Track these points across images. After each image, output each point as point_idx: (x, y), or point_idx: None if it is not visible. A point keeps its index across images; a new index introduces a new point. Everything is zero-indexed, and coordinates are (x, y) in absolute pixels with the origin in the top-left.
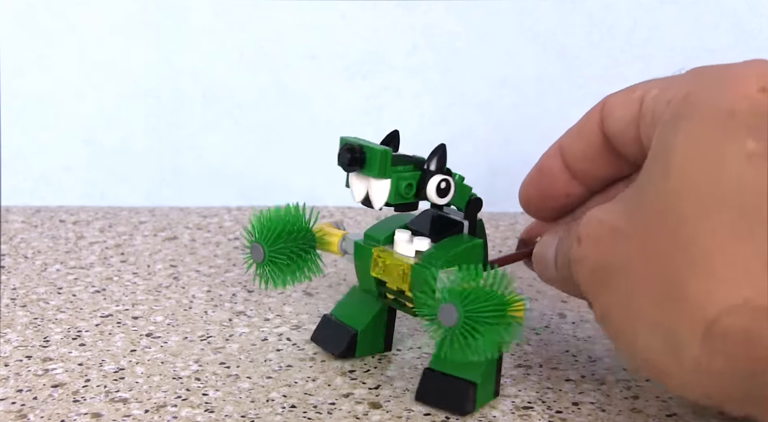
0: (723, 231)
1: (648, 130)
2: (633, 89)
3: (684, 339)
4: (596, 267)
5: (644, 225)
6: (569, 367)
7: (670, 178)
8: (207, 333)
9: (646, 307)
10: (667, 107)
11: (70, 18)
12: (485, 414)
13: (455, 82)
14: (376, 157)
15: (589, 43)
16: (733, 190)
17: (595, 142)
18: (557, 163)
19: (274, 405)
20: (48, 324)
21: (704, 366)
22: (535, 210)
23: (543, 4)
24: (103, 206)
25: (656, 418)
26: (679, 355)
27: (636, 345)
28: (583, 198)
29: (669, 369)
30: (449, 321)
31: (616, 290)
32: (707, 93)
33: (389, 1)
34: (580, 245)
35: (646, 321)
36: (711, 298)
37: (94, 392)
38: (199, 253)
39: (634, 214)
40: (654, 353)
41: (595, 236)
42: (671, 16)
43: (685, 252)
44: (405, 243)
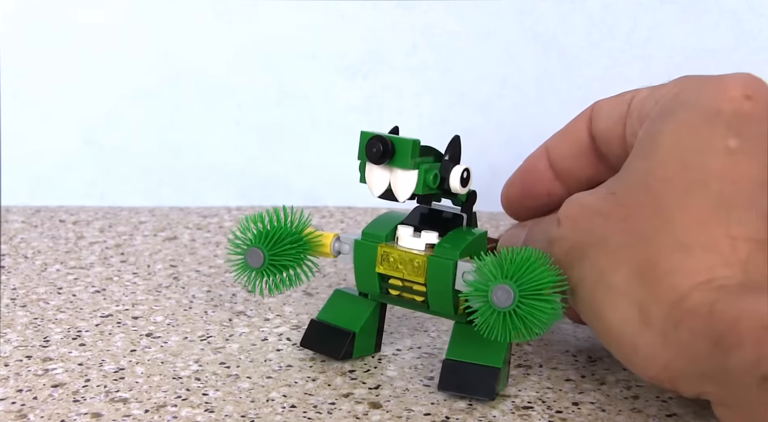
0: (700, 213)
1: (634, 126)
2: (622, 94)
3: (654, 310)
4: (573, 245)
5: (626, 204)
6: (569, 367)
7: (655, 159)
8: (207, 333)
9: (621, 281)
10: (656, 105)
11: (70, 18)
12: (485, 414)
13: (455, 82)
14: (408, 148)
15: (589, 43)
16: (712, 179)
17: (581, 142)
18: (542, 163)
19: (274, 405)
20: (48, 324)
21: (670, 337)
22: (515, 209)
23: (543, 4)
24: (103, 206)
25: (656, 418)
26: (648, 325)
27: (605, 317)
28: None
29: (635, 340)
30: (505, 301)
31: (592, 265)
32: (696, 94)
33: (389, 1)
34: (560, 226)
35: (620, 293)
36: (683, 274)
37: (94, 392)
38: (199, 253)
39: (616, 195)
40: (622, 324)
41: (574, 217)
42: (671, 16)
43: (664, 229)
44: (411, 238)
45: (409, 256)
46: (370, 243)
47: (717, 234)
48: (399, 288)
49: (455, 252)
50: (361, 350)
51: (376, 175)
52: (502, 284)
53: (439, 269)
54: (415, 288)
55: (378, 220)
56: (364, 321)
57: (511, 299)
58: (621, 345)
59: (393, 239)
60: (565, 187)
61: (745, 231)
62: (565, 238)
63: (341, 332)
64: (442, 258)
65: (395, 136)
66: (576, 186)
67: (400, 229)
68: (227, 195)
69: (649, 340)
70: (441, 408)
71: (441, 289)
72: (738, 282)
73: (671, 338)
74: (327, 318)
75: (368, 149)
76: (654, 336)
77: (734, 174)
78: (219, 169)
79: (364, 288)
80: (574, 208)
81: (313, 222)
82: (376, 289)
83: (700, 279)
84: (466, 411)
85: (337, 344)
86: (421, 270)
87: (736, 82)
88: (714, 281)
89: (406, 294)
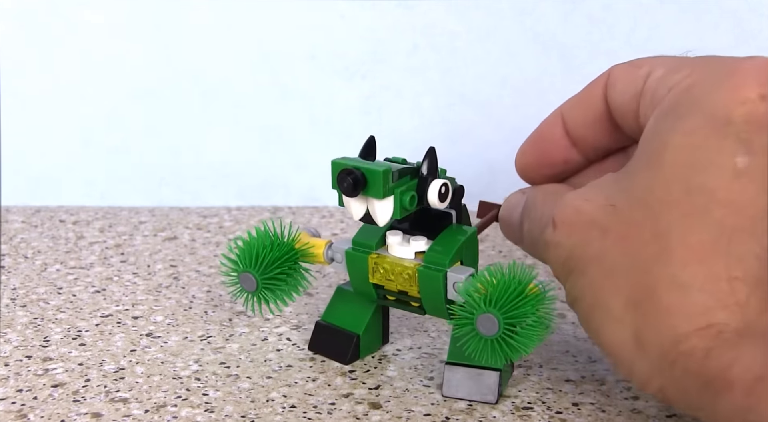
0: (700, 246)
1: (646, 109)
2: (639, 64)
3: (650, 341)
4: (570, 256)
5: (625, 221)
6: (569, 368)
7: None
8: (207, 333)
9: (618, 307)
10: (668, 93)
11: (70, 18)
12: (485, 414)
13: (455, 82)
14: (378, 178)
15: (589, 43)
16: (715, 205)
17: (597, 109)
18: (558, 130)
19: (274, 405)
20: (48, 324)
21: (665, 371)
22: (532, 176)
23: (543, 4)
24: (103, 206)
25: (656, 419)
26: (643, 352)
27: (601, 335)
28: (580, 166)
29: (631, 361)
30: (490, 330)
31: (588, 280)
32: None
33: (389, 1)
34: (555, 230)
35: (616, 319)
36: (681, 316)
37: (94, 392)
38: (199, 253)
39: (615, 208)
40: (619, 346)
41: (570, 223)
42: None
43: (662, 260)
44: (400, 246)
45: (400, 267)
46: (361, 254)
47: (716, 273)
48: (395, 295)
49: (444, 262)
50: (367, 350)
51: (353, 203)
52: (487, 313)
53: (430, 280)
54: (410, 294)
55: (367, 226)
56: (368, 322)
57: (497, 327)
58: (617, 364)
59: (384, 245)
60: (582, 154)
61: (745, 269)
62: (561, 246)
63: (346, 335)
64: (431, 269)
65: (365, 166)
66: (593, 153)
67: (389, 236)
68: (227, 195)
69: (644, 366)
70: (441, 409)
71: (434, 298)
72: (735, 328)
73: (665, 372)
74: (331, 320)
75: (339, 183)
76: (649, 364)
77: (739, 200)
78: (219, 169)
79: (362, 293)
80: (569, 213)
81: (313, 222)
82: (373, 296)
83: (699, 325)
84: (466, 412)
85: (343, 348)
86: (413, 281)
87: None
88: (712, 328)
89: (403, 298)
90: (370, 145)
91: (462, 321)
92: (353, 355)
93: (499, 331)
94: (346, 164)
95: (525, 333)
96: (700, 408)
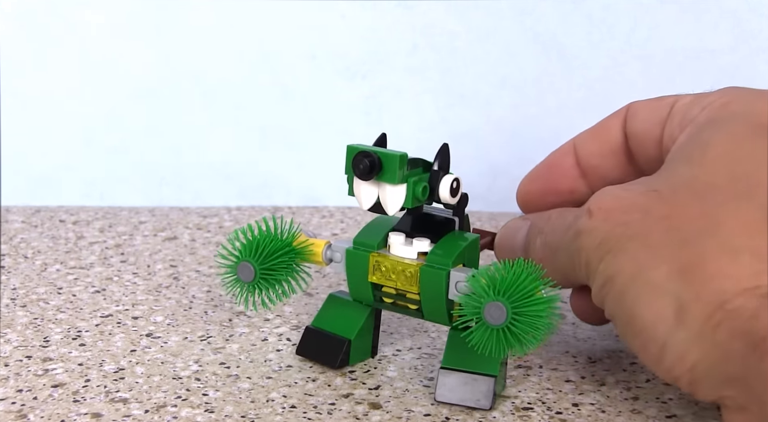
0: (748, 220)
1: (674, 131)
2: (662, 98)
3: (693, 309)
4: (607, 237)
5: (669, 202)
6: (569, 368)
7: (704, 167)
8: (207, 333)
9: (661, 277)
10: (702, 111)
11: (70, 18)
12: (485, 415)
13: (455, 82)
14: (395, 162)
15: (589, 43)
16: (760, 189)
17: (613, 141)
18: (569, 160)
19: (274, 405)
20: (48, 324)
21: (706, 337)
22: (534, 205)
23: (543, 4)
24: (103, 206)
25: (656, 419)
26: (683, 324)
27: (636, 313)
28: (584, 198)
29: (666, 338)
30: (497, 319)
31: (629, 259)
32: (745, 105)
33: (389, 1)
34: (591, 217)
35: (658, 290)
36: (730, 278)
37: (94, 392)
38: (199, 253)
39: (658, 192)
40: (655, 321)
41: (608, 209)
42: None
43: (710, 232)
44: (403, 246)
45: (402, 266)
46: (362, 253)
47: (762, 242)
48: (393, 296)
49: (447, 261)
50: (357, 357)
51: (365, 189)
52: (495, 301)
53: (432, 279)
54: (408, 296)
55: (369, 227)
56: (359, 328)
57: (504, 316)
58: (648, 343)
59: (385, 246)
60: (588, 185)
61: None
62: (597, 230)
63: (336, 340)
64: (434, 268)
65: (382, 150)
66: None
67: (391, 237)
68: (227, 195)
69: (682, 339)
70: (441, 409)
71: (434, 299)
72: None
73: (707, 338)
74: (322, 325)
75: (355, 165)
76: (687, 335)
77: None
78: (219, 169)
79: (358, 296)
80: (608, 200)
81: (313, 222)
82: (370, 298)
83: (748, 285)
84: (465, 412)
85: (333, 352)
86: (414, 280)
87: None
88: (761, 288)
89: (400, 302)
90: (382, 141)
91: (468, 310)
92: (343, 360)
93: (506, 320)
94: (363, 148)
95: (532, 322)
96: (736, 380)
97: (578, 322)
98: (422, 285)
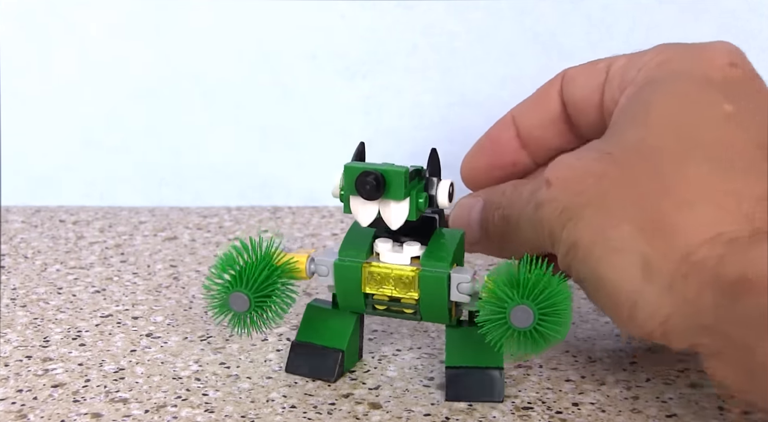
0: (702, 173)
1: (614, 93)
2: (595, 62)
3: (659, 265)
4: (567, 206)
5: (622, 165)
6: (569, 368)
7: (649, 129)
8: (207, 333)
9: (622, 238)
10: (639, 73)
11: (70, 18)
12: (485, 414)
13: (455, 82)
14: (400, 179)
15: (588, 43)
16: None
17: (552, 110)
18: (509, 133)
19: (274, 405)
20: (48, 324)
21: (676, 291)
22: (480, 181)
23: (543, 4)
24: (103, 206)
25: (656, 419)
26: (651, 281)
27: (603, 276)
28: (527, 170)
29: (635, 297)
30: (524, 322)
31: (588, 225)
32: (683, 62)
33: (389, 1)
34: (550, 187)
35: (621, 251)
36: (691, 230)
37: (94, 392)
38: (199, 253)
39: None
40: (623, 281)
41: (565, 178)
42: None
43: (665, 191)
44: (393, 253)
45: (397, 273)
46: (353, 265)
47: (720, 191)
48: (386, 303)
49: (446, 265)
50: (349, 364)
51: (364, 207)
52: (521, 305)
53: (433, 284)
54: (403, 301)
55: (351, 236)
56: (349, 337)
57: (532, 319)
58: (619, 304)
59: (372, 254)
60: (531, 156)
61: (748, 188)
62: (556, 200)
63: (329, 352)
64: (434, 272)
65: (385, 168)
66: (543, 155)
67: (378, 244)
68: (227, 195)
69: (652, 296)
70: (441, 409)
71: (436, 302)
72: (745, 235)
73: (677, 291)
74: (309, 339)
75: (360, 186)
76: (657, 291)
77: (731, 139)
78: (219, 169)
79: (349, 306)
80: (563, 170)
81: (313, 222)
82: (362, 307)
83: (709, 234)
84: (466, 412)
85: (328, 365)
86: (412, 286)
87: (720, 50)
88: (723, 235)
89: (394, 307)
90: (361, 152)
91: (492, 315)
92: (339, 372)
93: (533, 322)
94: (364, 166)
95: (557, 320)
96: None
97: (578, 322)
98: (422, 290)
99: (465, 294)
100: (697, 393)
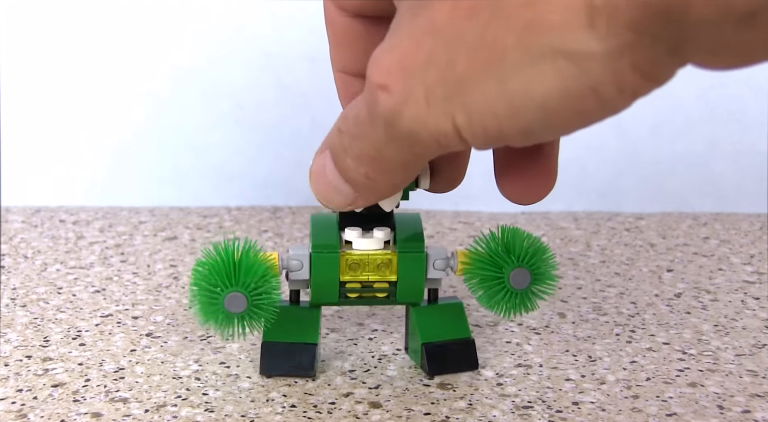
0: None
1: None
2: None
3: (580, 40)
4: (418, 97)
5: (439, 35)
6: (569, 367)
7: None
8: (207, 332)
9: (514, 58)
10: None
11: (70, 18)
12: (485, 413)
13: None
14: None
15: None
16: None
17: (348, 34)
18: (334, 13)
19: (274, 405)
20: (48, 324)
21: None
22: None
23: None
24: (103, 206)
25: (656, 418)
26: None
27: (535, 95)
28: (365, 35)
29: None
30: (521, 284)
31: (446, 78)
32: None
33: None
34: (389, 91)
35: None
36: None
37: (94, 392)
38: (199, 253)
39: (418, 16)
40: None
41: (400, 65)
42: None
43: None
44: (364, 239)
45: (372, 258)
46: (330, 255)
47: None
48: (358, 290)
49: (421, 245)
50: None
51: None
52: (519, 268)
53: (412, 264)
54: (376, 286)
55: (318, 229)
56: (317, 330)
57: (528, 281)
58: (578, 101)
59: (344, 244)
60: (361, 23)
61: None
62: (405, 101)
63: (303, 348)
64: (413, 252)
65: None
66: (368, 19)
67: (348, 232)
68: (227, 195)
69: (601, 57)
70: (441, 408)
71: (414, 282)
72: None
73: (611, 42)
74: (278, 338)
75: None
76: (604, 49)
77: None
78: (219, 169)
79: (321, 298)
80: (383, 71)
81: None
82: (335, 297)
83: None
84: (466, 411)
85: (305, 361)
86: (389, 269)
87: None
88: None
89: (366, 294)
90: None
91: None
92: (315, 367)
93: (530, 284)
94: None
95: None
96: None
97: (578, 322)
98: (401, 272)
99: (440, 269)
100: (697, 393)
